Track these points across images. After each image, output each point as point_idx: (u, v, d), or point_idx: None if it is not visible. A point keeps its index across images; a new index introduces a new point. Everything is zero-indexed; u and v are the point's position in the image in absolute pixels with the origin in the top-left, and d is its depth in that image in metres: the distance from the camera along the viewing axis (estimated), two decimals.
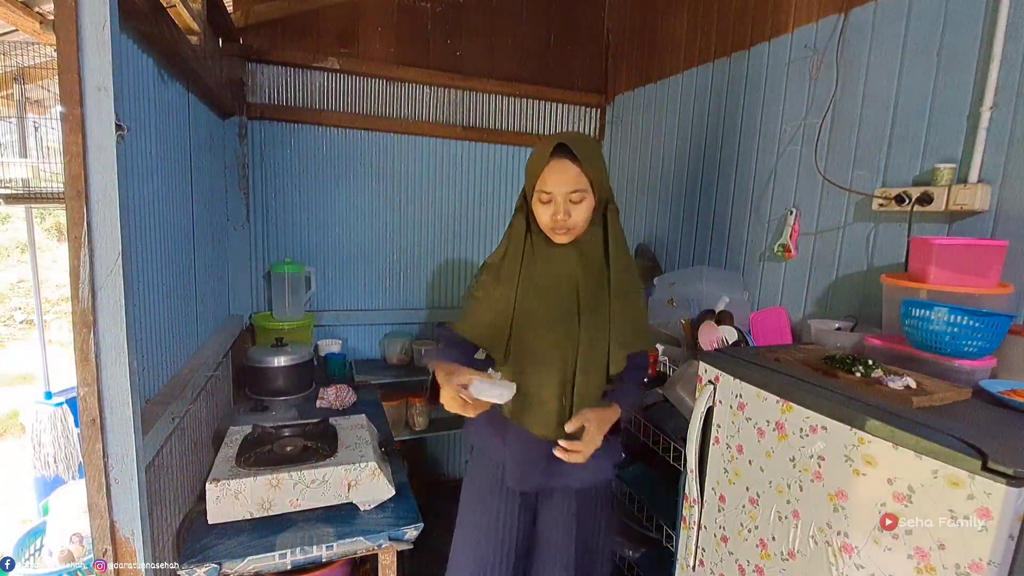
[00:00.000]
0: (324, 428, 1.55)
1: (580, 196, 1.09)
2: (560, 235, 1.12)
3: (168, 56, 1.25)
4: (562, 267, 1.15)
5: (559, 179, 1.08)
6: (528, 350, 1.15)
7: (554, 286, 1.15)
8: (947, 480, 0.70)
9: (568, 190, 1.08)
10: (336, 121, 2.36)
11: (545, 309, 1.15)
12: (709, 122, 2.07)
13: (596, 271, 1.16)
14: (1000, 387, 0.90)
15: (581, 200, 1.09)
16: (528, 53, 2.65)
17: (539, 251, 1.17)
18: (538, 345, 1.14)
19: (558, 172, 1.08)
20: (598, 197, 1.11)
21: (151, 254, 1.15)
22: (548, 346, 1.14)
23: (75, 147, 0.82)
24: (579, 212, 1.10)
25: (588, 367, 1.14)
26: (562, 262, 1.15)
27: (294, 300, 2.26)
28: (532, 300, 1.15)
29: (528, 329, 1.15)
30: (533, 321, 1.15)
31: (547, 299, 1.15)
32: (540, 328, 1.15)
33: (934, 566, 0.72)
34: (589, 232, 1.15)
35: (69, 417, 2.39)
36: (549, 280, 1.15)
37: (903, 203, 1.30)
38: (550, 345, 1.14)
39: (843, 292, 1.54)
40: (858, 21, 1.49)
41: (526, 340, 1.15)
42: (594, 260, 1.16)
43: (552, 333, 1.14)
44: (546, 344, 1.14)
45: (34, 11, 2.08)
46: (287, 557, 1.20)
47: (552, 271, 1.15)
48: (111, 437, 0.89)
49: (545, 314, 1.14)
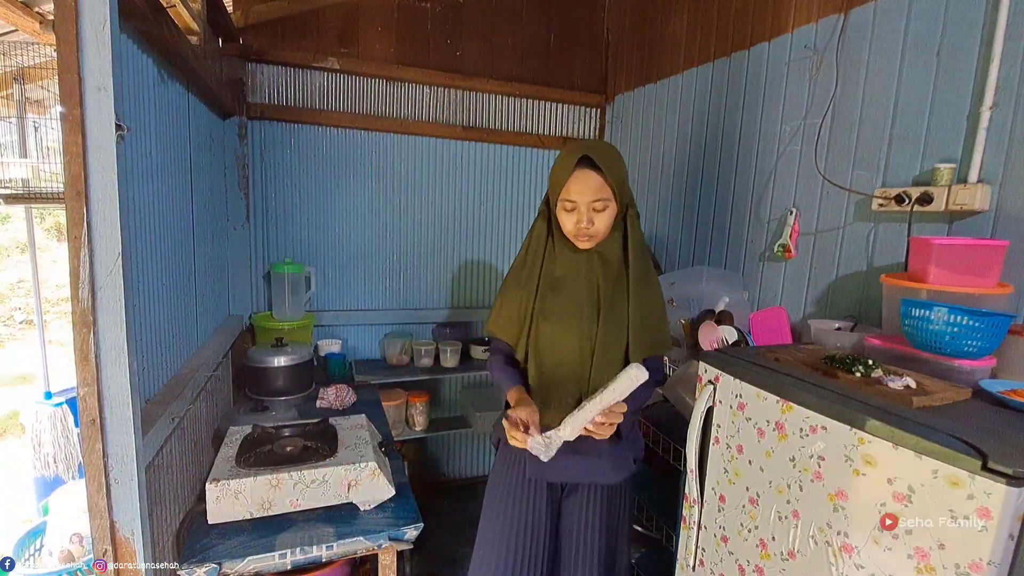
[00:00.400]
0: (324, 428, 1.55)
1: (603, 204, 1.13)
2: (583, 242, 1.16)
3: (168, 56, 1.25)
4: (582, 270, 1.19)
5: (583, 188, 1.11)
6: (547, 348, 1.20)
7: (573, 288, 1.19)
8: (947, 480, 0.70)
9: (591, 199, 1.12)
10: (336, 121, 2.36)
11: (563, 310, 1.19)
12: (709, 122, 2.07)
13: (615, 274, 1.20)
14: (1000, 387, 0.90)
15: (604, 208, 1.13)
16: (528, 53, 2.65)
17: (560, 254, 1.21)
18: (556, 344, 1.19)
19: (581, 181, 1.11)
20: (620, 203, 1.16)
21: (151, 254, 1.15)
22: (566, 345, 1.18)
23: (75, 147, 0.82)
24: (602, 220, 1.14)
25: (603, 366, 1.16)
26: (582, 265, 1.19)
27: (294, 300, 2.26)
28: (551, 301, 1.20)
29: (547, 328, 1.19)
30: (552, 321, 1.19)
31: (566, 300, 1.19)
32: (558, 328, 1.18)
33: (934, 566, 0.72)
34: (609, 236, 1.19)
35: (69, 417, 2.39)
36: (568, 282, 1.19)
37: (903, 203, 1.30)
38: (568, 344, 1.18)
39: (843, 292, 1.54)
40: (858, 21, 1.49)
41: (544, 339, 1.20)
42: (613, 263, 1.20)
43: (570, 333, 1.18)
44: (564, 343, 1.18)
45: (34, 11, 2.08)
46: (287, 557, 1.20)
47: (572, 273, 1.20)
48: (111, 437, 0.89)
49: (563, 315, 1.18)
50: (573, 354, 1.17)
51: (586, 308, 1.18)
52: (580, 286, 1.19)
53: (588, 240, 1.16)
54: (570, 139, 2.79)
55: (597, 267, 1.19)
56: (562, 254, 1.21)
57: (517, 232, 2.77)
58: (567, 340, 1.18)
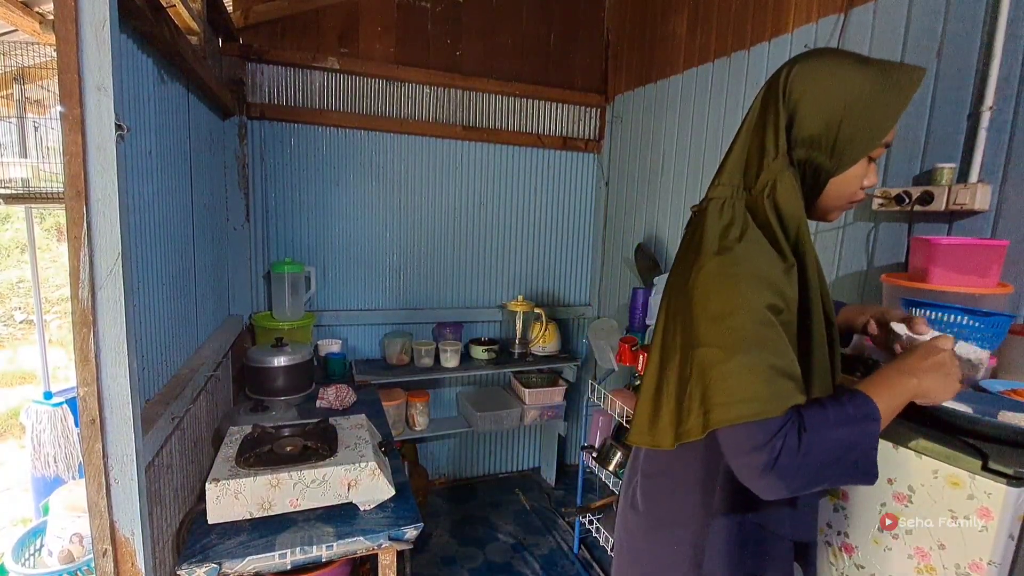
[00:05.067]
0: (324, 428, 1.55)
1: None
2: (844, 209, 0.82)
3: (168, 56, 1.25)
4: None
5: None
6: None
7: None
8: (947, 480, 0.70)
9: None
10: (336, 121, 2.36)
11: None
12: (709, 122, 2.07)
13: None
14: (1000, 387, 0.90)
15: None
16: (528, 53, 2.65)
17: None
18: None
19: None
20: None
21: (151, 254, 1.15)
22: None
23: (75, 147, 0.81)
24: None
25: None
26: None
27: (294, 300, 2.26)
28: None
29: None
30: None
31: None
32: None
33: (934, 566, 0.72)
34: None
35: (69, 417, 2.39)
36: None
37: (903, 203, 1.30)
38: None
39: (843, 292, 1.53)
40: (858, 21, 1.49)
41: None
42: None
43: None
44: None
45: (34, 11, 2.08)
46: (287, 557, 1.19)
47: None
48: (111, 437, 0.89)
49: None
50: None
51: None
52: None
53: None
54: (570, 139, 2.79)
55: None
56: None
57: (517, 232, 2.77)
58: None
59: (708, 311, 0.70)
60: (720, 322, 0.68)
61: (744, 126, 0.80)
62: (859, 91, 0.71)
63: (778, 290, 0.70)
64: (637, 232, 2.53)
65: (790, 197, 0.73)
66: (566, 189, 2.84)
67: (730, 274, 0.70)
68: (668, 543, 0.85)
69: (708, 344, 0.69)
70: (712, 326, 0.69)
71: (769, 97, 0.76)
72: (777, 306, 0.69)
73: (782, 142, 0.74)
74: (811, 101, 0.73)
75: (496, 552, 2.30)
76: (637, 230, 2.54)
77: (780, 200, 0.73)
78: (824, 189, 0.77)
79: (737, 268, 0.70)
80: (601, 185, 2.85)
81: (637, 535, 0.91)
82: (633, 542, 0.92)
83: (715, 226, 0.75)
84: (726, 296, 0.69)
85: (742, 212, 0.75)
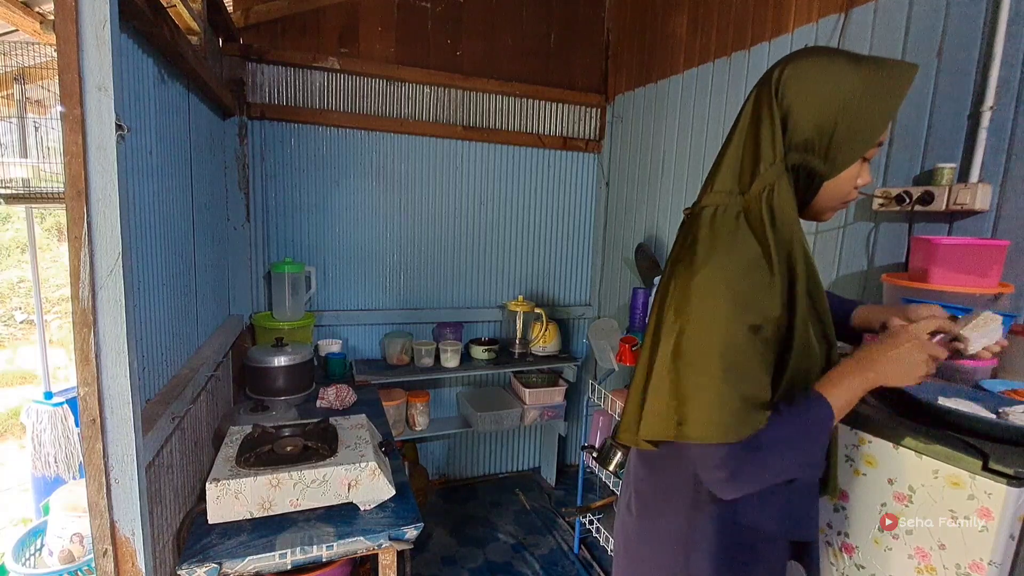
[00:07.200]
0: (324, 428, 1.55)
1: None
2: (838, 209, 0.82)
3: (168, 56, 1.25)
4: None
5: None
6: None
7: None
8: (948, 480, 0.70)
9: None
10: (336, 121, 2.36)
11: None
12: (709, 122, 2.07)
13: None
14: (1000, 387, 0.90)
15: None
16: (528, 53, 2.65)
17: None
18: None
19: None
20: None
21: (151, 254, 1.15)
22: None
23: (75, 147, 0.82)
24: None
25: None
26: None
27: (294, 300, 2.26)
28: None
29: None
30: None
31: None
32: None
33: (934, 566, 0.72)
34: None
35: (69, 417, 2.39)
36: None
37: (904, 203, 1.30)
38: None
39: (843, 292, 1.53)
40: (858, 21, 1.49)
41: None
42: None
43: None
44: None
45: (34, 11, 2.08)
46: (287, 557, 1.19)
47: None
48: (111, 437, 0.89)
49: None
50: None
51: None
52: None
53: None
54: (570, 139, 2.79)
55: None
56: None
57: (517, 232, 2.77)
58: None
59: (692, 325, 0.72)
60: (702, 339, 0.71)
61: (737, 128, 0.80)
62: (852, 92, 0.70)
63: (760, 309, 0.71)
64: (637, 232, 2.53)
65: (785, 202, 0.74)
66: (566, 189, 2.84)
67: (717, 292, 0.71)
68: (659, 544, 0.86)
69: (689, 360, 0.72)
70: (694, 342, 0.71)
71: (762, 99, 0.76)
72: (758, 326, 0.71)
73: (779, 147, 0.74)
74: (804, 104, 0.72)
75: (496, 552, 2.30)
76: (637, 230, 2.54)
77: (776, 206, 0.73)
78: (818, 192, 0.77)
79: (724, 286, 0.71)
80: (601, 185, 2.85)
81: (632, 536, 0.92)
82: (629, 543, 0.94)
83: (707, 236, 0.75)
84: (710, 315, 0.71)
85: (735, 220, 0.75)
